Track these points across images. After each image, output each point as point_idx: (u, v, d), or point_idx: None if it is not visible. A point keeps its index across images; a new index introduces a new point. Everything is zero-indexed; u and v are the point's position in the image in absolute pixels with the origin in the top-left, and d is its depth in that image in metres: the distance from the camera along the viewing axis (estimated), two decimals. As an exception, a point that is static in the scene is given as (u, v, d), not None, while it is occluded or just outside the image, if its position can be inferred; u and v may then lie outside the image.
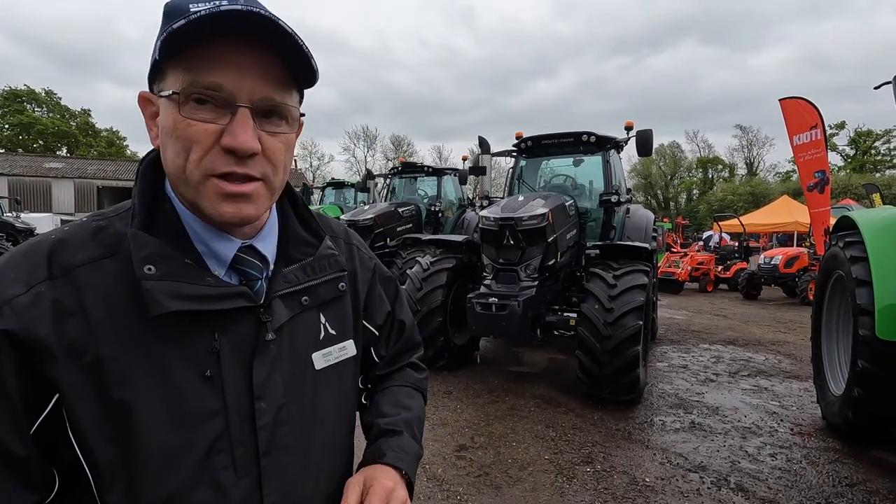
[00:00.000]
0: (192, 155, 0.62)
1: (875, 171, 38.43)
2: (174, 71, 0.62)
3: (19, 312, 0.57)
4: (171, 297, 0.61)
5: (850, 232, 3.75)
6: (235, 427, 0.65)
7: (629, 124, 5.87)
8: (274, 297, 0.71)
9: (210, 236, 0.69)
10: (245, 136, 0.62)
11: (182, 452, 0.62)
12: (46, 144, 40.89)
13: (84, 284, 0.61)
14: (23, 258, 0.62)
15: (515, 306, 4.55)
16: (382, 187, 10.70)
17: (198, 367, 0.64)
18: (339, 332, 0.80)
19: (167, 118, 0.63)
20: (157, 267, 0.61)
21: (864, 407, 3.36)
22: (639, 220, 6.60)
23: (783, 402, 4.74)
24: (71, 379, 0.58)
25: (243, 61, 0.62)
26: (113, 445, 0.59)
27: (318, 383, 0.75)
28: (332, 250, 0.81)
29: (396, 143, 53.63)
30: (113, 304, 0.61)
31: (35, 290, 0.59)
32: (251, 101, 0.63)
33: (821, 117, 9.73)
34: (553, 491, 3.10)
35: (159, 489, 0.61)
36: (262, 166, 0.66)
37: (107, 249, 0.64)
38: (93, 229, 0.65)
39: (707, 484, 3.18)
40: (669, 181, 53.90)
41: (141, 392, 0.60)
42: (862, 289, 3.31)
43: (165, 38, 0.59)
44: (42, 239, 0.64)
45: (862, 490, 3.10)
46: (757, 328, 8.53)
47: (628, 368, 4.22)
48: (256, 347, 0.68)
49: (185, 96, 0.61)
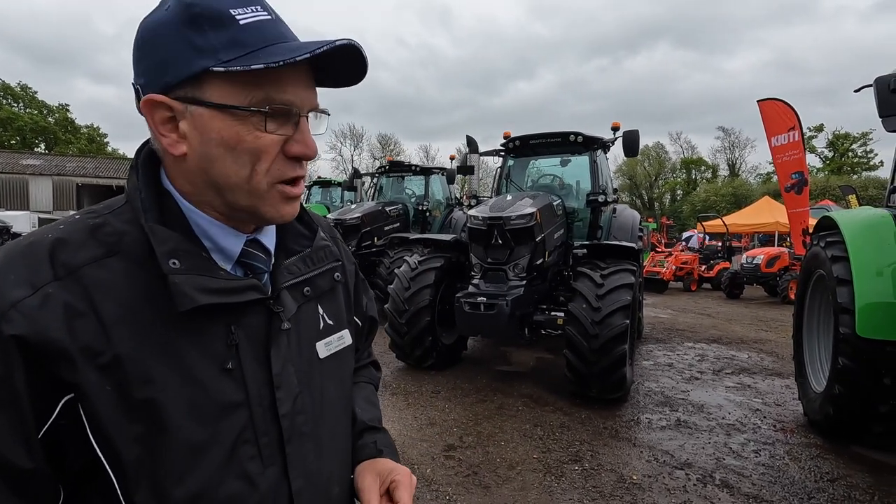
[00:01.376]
0: (261, 165, 0.64)
1: (853, 172, 39.35)
2: (231, 83, 0.61)
3: (29, 315, 0.55)
4: (199, 290, 0.61)
5: (830, 232, 3.82)
6: (259, 417, 0.67)
7: (616, 125, 5.92)
8: (281, 289, 0.72)
9: (217, 232, 0.69)
10: (314, 144, 0.68)
11: (209, 446, 0.62)
12: (24, 141, 39.87)
13: (91, 284, 0.59)
14: (21, 259, 0.59)
15: (504, 306, 4.56)
16: (370, 186, 10.65)
17: (217, 360, 0.64)
18: (336, 322, 0.83)
19: (226, 130, 0.62)
20: (181, 261, 0.61)
21: (844, 403, 3.42)
22: (625, 219, 6.66)
23: (766, 399, 4.83)
24: (90, 380, 0.57)
25: (305, 76, 0.67)
26: (139, 444, 0.59)
27: (323, 372, 0.78)
28: (327, 242, 0.83)
29: (383, 142, 53.43)
30: (124, 303, 0.60)
31: (43, 292, 0.57)
32: (308, 110, 0.68)
33: (798, 119, 9.92)
34: (541, 490, 3.11)
35: (188, 484, 0.61)
36: (306, 166, 0.71)
37: (109, 248, 0.62)
38: (90, 227, 0.63)
39: (693, 481, 3.21)
40: (654, 182, 54.56)
41: (164, 389, 0.60)
42: (842, 287, 3.37)
43: (258, 69, 0.59)
44: (37, 239, 0.61)
45: (843, 485, 3.16)
46: (740, 327, 8.67)
47: (615, 367, 4.26)
48: (270, 339, 0.69)
49: (266, 113, 0.63)
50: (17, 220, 17.30)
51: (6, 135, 39.15)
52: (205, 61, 0.59)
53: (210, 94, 0.61)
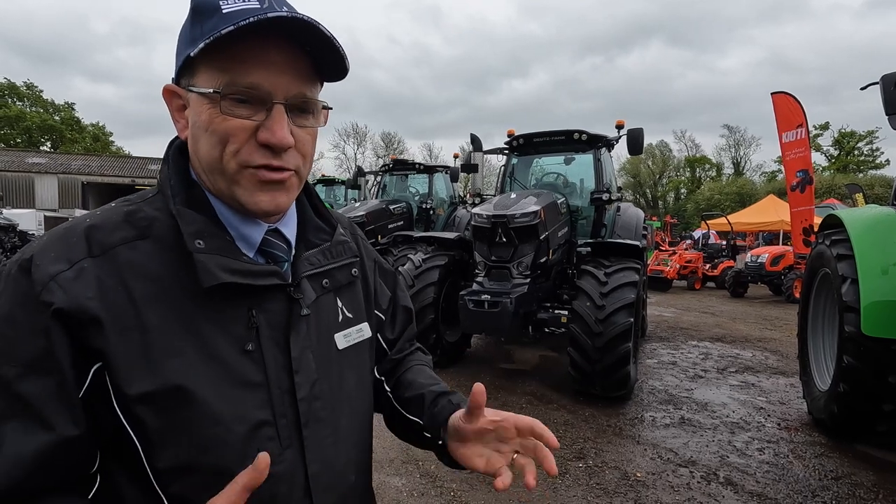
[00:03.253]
0: (229, 147, 0.66)
1: (858, 171, 39.10)
2: (208, 68, 0.65)
3: (65, 287, 0.60)
4: (222, 269, 0.64)
5: (836, 230, 3.81)
6: (277, 399, 0.69)
7: (620, 123, 5.90)
8: (301, 278, 0.75)
9: (239, 221, 0.72)
10: (282, 132, 0.66)
11: (230, 423, 0.64)
12: (31, 139, 40.07)
13: (123, 263, 0.63)
14: (60, 240, 0.64)
15: (507, 304, 4.57)
16: (373, 185, 10.66)
17: (238, 341, 0.67)
18: (355, 316, 0.84)
19: (201, 113, 0.66)
20: (206, 242, 0.65)
21: (849, 402, 3.42)
22: (629, 218, 6.65)
23: (770, 397, 4.82)
24: (118, 349, 0.60)
25: (279, 60, 0.66)
26: (164, 413, 0.61)
27: (341, 362, 0.79)
28: (346, 237, 0.85)
29: (387, 140, 53.45)
30: (153, 281, 0.64)
31: (78, 266, 0.61)
32: (286, 97, 0.67)
33: (805, 116, 9.88)
34: (546, 486, 3.12)
35: (211, 457, 0.63)
36: (294, 159, 0.70)
37: (140, 231, 0.66)
38: (124, 213, 0.68)
39: (697, 478, 3.22)
40: (658, 180, 54.35)
41: (188, 363, 0.63)
42: (848, 286, 3.37)
43: (212, 41, 0.61)
44: (76, 223, 0.67)
45: (847, 483, 3.16)
46: (744, 325, 8.65)
47: (619, 365, 4.26)
48: (290, 324, 0.71)
49: (223, 95, 0.64)
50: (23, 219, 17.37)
51: (13, 133, 39.38)
52: (189, 49, 0.64)
53: (197, 80, 0.66)
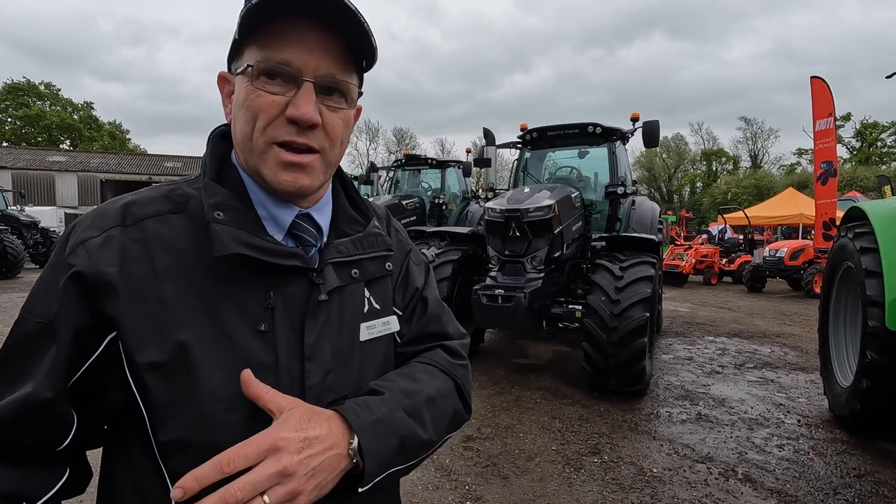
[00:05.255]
0: (259, 123, 0.67)
1: (881, 163, 38.12)
2: (249, 49, 0.68)
3: (91, 251, 0.63)
4: (235, 241, 0.65)
5: (859, 223, 3.72)
6: (285, 384, 0.67)
7: (635, 115, 5.82)
8: (326, 264, 0.74)
9: (270, 202, 0.73)
10: (307, 108, 0.66)
11: (234, 400, 0.63)
12: (50, 138, 40.90)
13: (152, 233, 0.66)
14: (101, 211, 0.68)
15: (521, 298, 4.54)
16: (386, 180, 10.69)
17: (252, 321, 0.67)
18: (383, 307, 0.82)
19: (240, 91, 0.69)
20: (226, 214, 0.67)
21: (872, 398, 3.34)
22: (644, 211, 6.57)
23: (789, 393, 4.74)
24: (132, 318, 0.62)
25: (311, 38, 0.67)
26: (169, 385, 0.62)
27: (362, 355, 0.77)
28: (379, 230, 0.84)
29: (399, 136, 53.50)
30: (177, 253, 0.66)
31: (106, 234, 0.64)
32: (315, 76, 0.68)
33: (834, 106, 9.66)
34: (561, 481, 3.11)
35: (211, 433, 0.62)
36: (320, 139, 0.70)
37: (175, 206, 0.69)
38: (165, 191, 0.72)
39: (714, 475, 3.18)
40: (673, 174, 53.62)
41: (198, 335, 0.63)
42: (872, 280, 3.29)
43: (244, 15, 0.64)
44: (120, 198, 0.71)
45: (870, 481, 3.09)
46: (762, 321, 8.51)
47: (634, 360, 4.22)
48: (308, 310, 0.71)
49: (258, 70, 0.67)
50: (45, 216, 17.80)
51: (33, 132, 40.22)
52: (236, 34, 0.68)
53: (241, 62, 0.69)
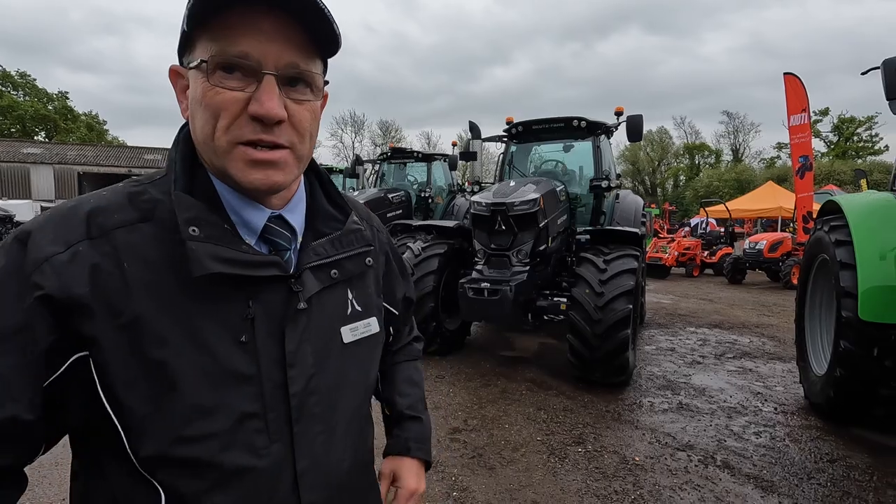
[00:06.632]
0: (220, 122, 0.63)
1: (857, 157, 39.01)
2: (202, 41, 0.64)
3: (58, 270, 0.58)
4: (214, 259, 0.62)
5: (834, 216, 3.82)
6: (268, 393, 0.67)
7: (619, 109, 5.88)
8: (304, 269, 0.72)
9: (241, 205, 0.70)
10: (271, 104, 0.63)
11: (217, 413, 0.63)
12: (24, 129, 39.71)
13: (121, 246, 0.62)
14: (60, 219, 0.63)
15: (507, 291, 4.58)
16: (371, 173, 10.62)
17: (232, 332, 0.65)
18: (365, 309, 0.82)
19: (196, 88, 0.65)
20: (201, 229, 0.63)
21: (845, 386, 3.45)
22: (628, 205, 6.65)
23: (767, 382, 4.87)
24: (107, 336, 0.59)
25: (267, 27, 0.63)
26: (148, 402, 0.61)
27: (345, 357, 0.77)
28: (359, 225, 0.82)
29: (385, 128, 53.12)
30: (150, 265, 0.63)
31: (73, 249, 0.60)
32: (277, 68, 0.64)
33: (808, 101, 9.85)
34: (546, 471, 3.16)
35: (194, 447, 0.62)
36: (288, 134, 0.67)
37: (143, 214, 0.65)
38: (129, 194, 0.67)
39: (694, 462, 3.26)
40: (657, 167, 54.20)
41: (177, 352, 0.61)
42: (846, 271, 3.38)
43: (192, 6, 0.60)
44: (78, 202, 0.65)
45: (842, 465, 3.21)
46: (742, 312, 8.70)
47: (618, 351, 4.29)
48: (287, 317, 0.69)
49: (213, 65, 0.62)
50: (20, 209, 17.28)
51: (6, 123, 38.98)
52: (183, 24, 0.62)
53: (193, 56, 0.65)
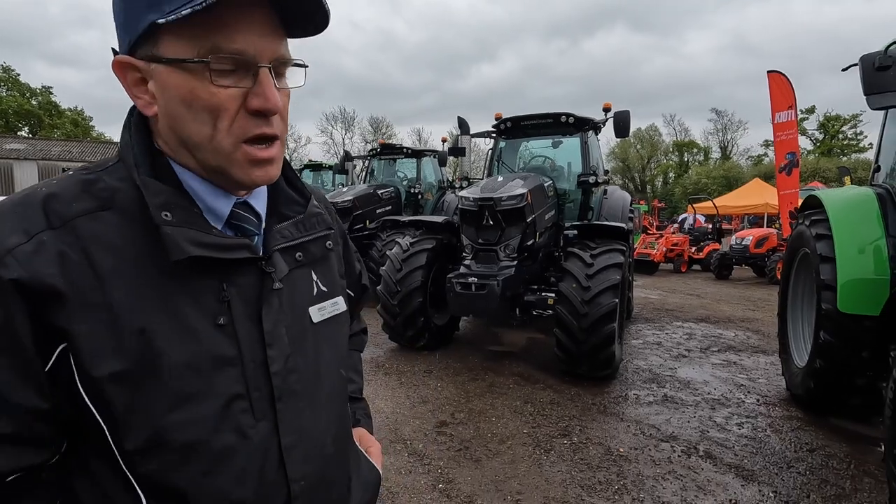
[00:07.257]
0: (221, 123, 0.63)
1: (842, 154, 39.61)
2: (178, 36, 0.60)
3: (24, 261, 0.56)
4: (191, 243, 0.62)
5: (816, 211, 3.88)
6: (251, 373, 0.68)
7: (607, 105, 5.91)
8: (273, 251, 0.73)
9: (207, 192, 0.69)
10: (275, 97, 0.64)
11: (204, 396, 0.63)
12: (7, 124, 38.99)
13: (85, 235, 0.60)
14: (14, 209, 0.60)
15: (495, 286, 4.60)
16: (361, 169, 10.62)
17: (210, 315, 0.65)
18: (330, 289, 0.84)
19: (182, 86, 0.61)
20: (174, 214, 0.62)
21: (824, 377, 3.51)
22: (616, 201, 6.70)
23: (750, 375, 4.94)
24: (82, 327, 0.57)
25: (257, 20, 0.62)
26: (131, 392, 0.59)
27: (317, 336, 0.78)
28: (320, 209, 0.83)
29: (375, 125, 52.91)
30: (117, 253, 0.61)
31: (37, 239, 0.58)
32: (269, 60, 0.64)
33: (795, 98, 9.96)
34: (531, 462, 3.19)
35: (184, 433, 0.62)
36: (278, 124, 0.68)
37: (102, 202, 0.63)
38: (83, 182, 0.64)
39: (678, 452, 3.31)
40: (646, 164, 54.59)
41: (159, 338, 0.60)
42: (826, 265, 3.44)
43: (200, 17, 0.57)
44: (31, 192, 0.62)
45: (821, 454, 3.27)
46: (728, 306, 8.80)
47: (604, 345, 4.33)
48: (262, 298, 0.70)
49: (209, 64, 0.60)
50: (4, 206, 17.03)
51: (-11, 118, 38.27)
52: (152, 15, 0.58)
53: (165, 49, 0.61)
